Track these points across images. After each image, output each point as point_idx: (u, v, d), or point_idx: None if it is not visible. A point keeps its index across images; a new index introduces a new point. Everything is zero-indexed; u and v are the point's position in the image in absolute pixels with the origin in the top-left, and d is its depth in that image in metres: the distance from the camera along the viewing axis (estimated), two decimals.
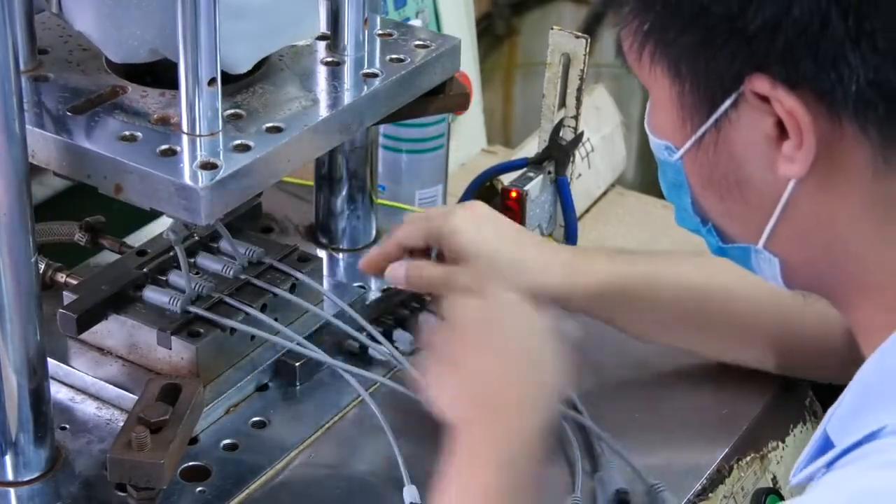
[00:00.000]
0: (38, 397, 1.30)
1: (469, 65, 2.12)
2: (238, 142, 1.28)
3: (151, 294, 1.46)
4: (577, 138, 1.70)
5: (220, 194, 1.24)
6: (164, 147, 1.26)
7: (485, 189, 1.82)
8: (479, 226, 1.45)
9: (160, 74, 1.39)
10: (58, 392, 1.45)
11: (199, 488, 1.35)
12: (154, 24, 1.32)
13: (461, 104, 1.54)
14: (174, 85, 1.29)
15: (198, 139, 1.27)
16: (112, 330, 1.46)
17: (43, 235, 1.56)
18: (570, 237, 1.71)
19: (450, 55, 1.49)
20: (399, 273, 1.47)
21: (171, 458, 1.29)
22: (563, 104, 1.69)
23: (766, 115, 1.02)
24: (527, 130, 2.39)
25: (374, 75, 1.42)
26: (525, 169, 1.72)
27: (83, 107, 1.33)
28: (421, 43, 1.49)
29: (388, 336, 1.51)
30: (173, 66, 1.28)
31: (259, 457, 1.40)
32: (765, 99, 1.01)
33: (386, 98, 1.42)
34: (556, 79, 1.68)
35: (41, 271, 1.49)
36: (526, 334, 1.25)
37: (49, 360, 1.34)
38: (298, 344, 1.46)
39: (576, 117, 1.69)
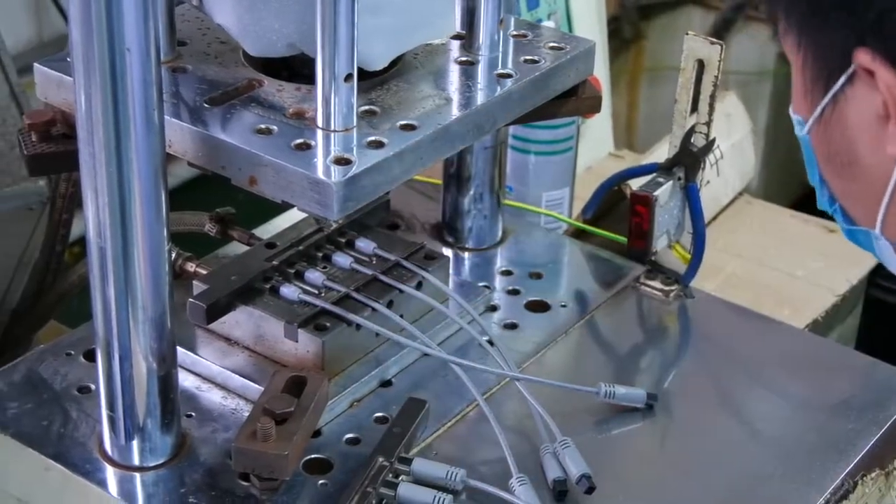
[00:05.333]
0: (167, 384, 1.32)
1: (600, 68, 2.11)
2: (372, 138, 1.28)
3: (279, 286, 1.47)
4: (709, 145, 1.69)
5: (353, 190, 1.24)
6: (298, 141, 1.28)
7: (612, 193, 1.81)
8: None
9: (296, 69, 1.40)
10: (184, 380, 1.46)
11: (321, 481, 1.36)
12: (293, 18, 1.33)
13: (593, 107, 1.54)
14: (310, 80, 1.30)
15: (332, 134, 1.28)
16: (239, 321, 1.47)
17: (174, 225, 1.58)
18: (698, 244, 1.69)
19: (583, 58, 1.49)
20: None
21: (294, 450, 1.30)
22: (694, 110, 1.68)
23: (876, 92, 0.99)
24: (651, 135, 2.38)
25: (508, 76, 1.42)
26: (655, 174, 1.70)
27: (220, 99, 1.34)
28: (555, 45, 1.48)
29: None
30: (309, 61, 1.29)
31: None
32: (873, 74, 0.99)
33: (519, 99, 1.42)
34: (689, 84, 1.66)
35: (172, 260, 1.51)
36: None
37: (177, 348, 1.36)
38: (422, 343, 1.46)
39: (708, 123, 1.67)
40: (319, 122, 1.29)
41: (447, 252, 1.72)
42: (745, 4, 3.27)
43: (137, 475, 1.35)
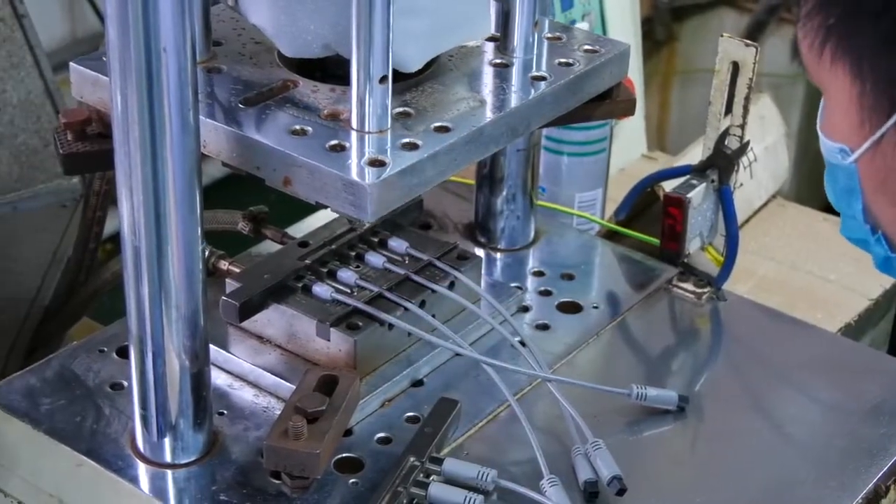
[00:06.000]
0: (200, 382, 1.33)
1: (634, 70, 2.11)
2: (406, 140, 1.29)
3: (312, 285, 1.48)
4: (743, 147, 1.68)
5: (387, 192, 1.25)
6: (333, 142, 1.28)
7: (645, 195, 1.81)
8: None
9: (330, 70, 1.40)
10: (217, 378, 1.47)
11: (351, 480, 1.36)
12: (328, 19, 1.33)
13: (627, 110, 1.53)
14: (344, 81, 1.30)
15: (366, 136, 1.29)
16: (272, 319, 1.48)
17: (207, 223, 1.58)
18: (731, 247, 1.69)
19: (618, 61, 1.49)
20: None
21: (326, 449, 1.31)
22: (728, 112, 1.68)
23: None
24: (683, 137, 2.37)
25: (542, 78, 1.42)
26: (688, 176, 1.70)
27: (255, 99, 1.35)
28: (590, 47, 1.48)
29: None
30: (344, 62, 1.29)
31: None
32: None
33: (553, 102, 1.42)
34: (724, 86, 1.66)
35: (205, 258, 1.52)
36: None
37: (210, 345, 1.36)
38: (454, 343, 1.46)
39: (742, 126, 1.67)
40: (354, 123, 1.29)
41: (479, 252, 1.72)
42: (778, 6, 3.26)
43: (169, 472, 1.36)
